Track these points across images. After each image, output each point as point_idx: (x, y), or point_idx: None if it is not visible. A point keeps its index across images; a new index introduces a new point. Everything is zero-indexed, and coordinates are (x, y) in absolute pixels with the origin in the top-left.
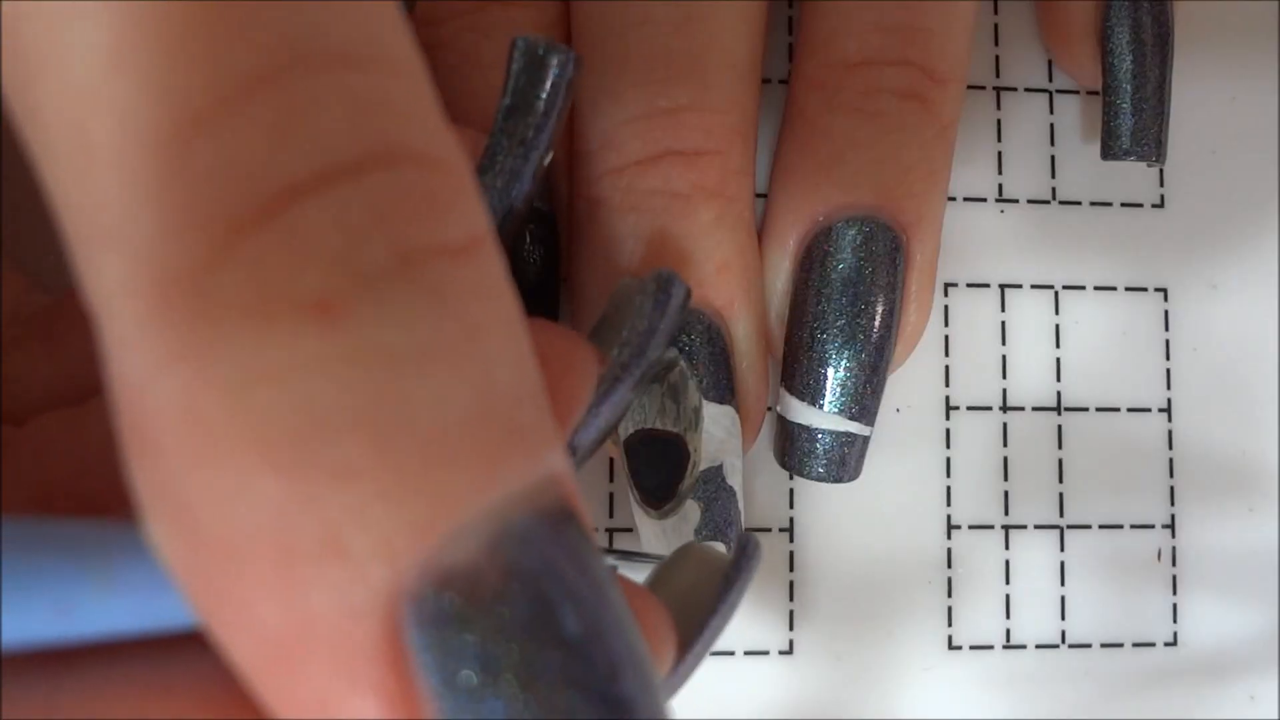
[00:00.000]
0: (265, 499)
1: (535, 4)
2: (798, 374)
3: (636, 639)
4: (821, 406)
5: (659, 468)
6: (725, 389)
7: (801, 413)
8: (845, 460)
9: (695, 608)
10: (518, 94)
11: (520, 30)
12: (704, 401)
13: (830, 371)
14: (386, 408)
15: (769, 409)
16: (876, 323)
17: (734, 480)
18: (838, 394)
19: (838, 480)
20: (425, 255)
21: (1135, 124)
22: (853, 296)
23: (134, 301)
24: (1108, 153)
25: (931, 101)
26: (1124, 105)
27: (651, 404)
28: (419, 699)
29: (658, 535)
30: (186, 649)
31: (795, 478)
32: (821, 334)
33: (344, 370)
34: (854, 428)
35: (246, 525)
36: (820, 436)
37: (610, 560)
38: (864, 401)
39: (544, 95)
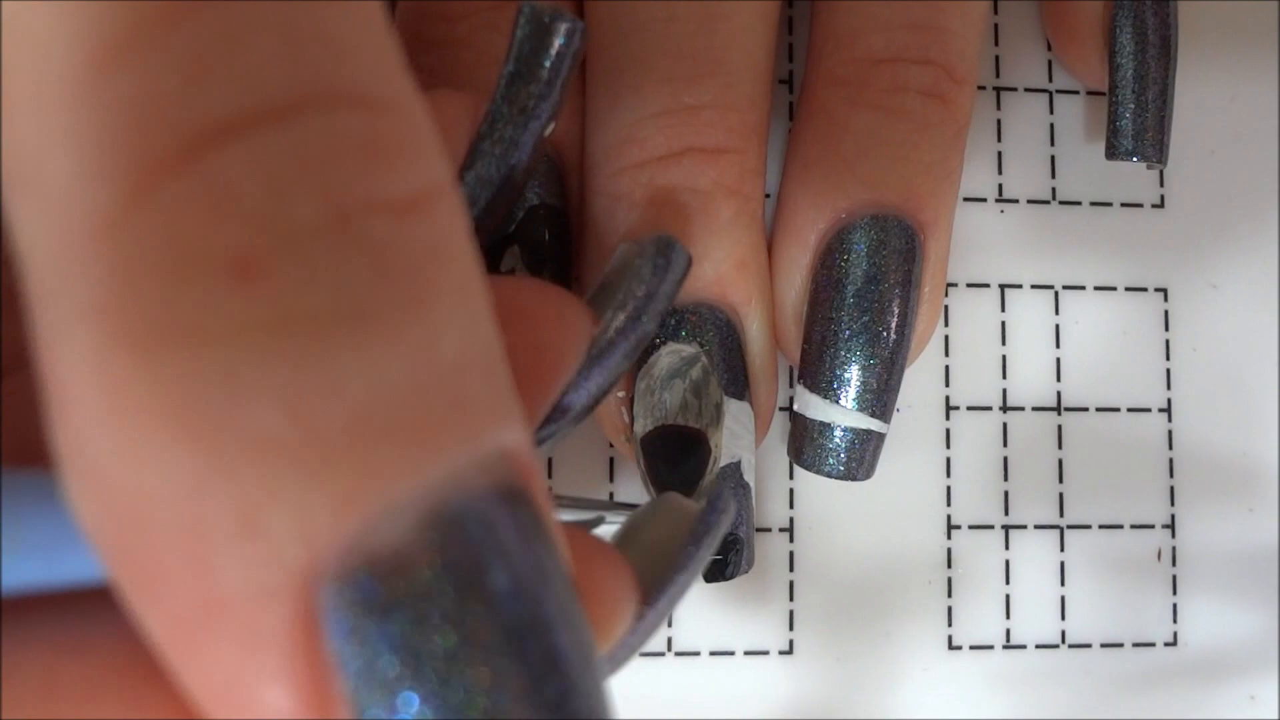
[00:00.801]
0: (175, 468)
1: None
2: (819, 370)
3: (578, 633)
4: (842, 403)
5: (677, 465)
6: (740, 386)
7: (821, 409)
8: (863, 458)
9: (663, 561)
10: (521, 61)
11: None
12: (725, 398)
13: (852, 368)
14: (310, 377)
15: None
16: (897, 320)
17: (750, 477)
18: (859, 390)
19: (853, 478)
20: (363, 211)
21: (1138, 125)
22: (876, 294)
23: (49, 250)
24: (1112, 152)
25: (951, 101)
26: (1128, 106)
27: (674, 400)
28: (332, 687)
29: None
30: (101, 605)
31: (795, 477)
32: (845, 330)
33: (263, 336)
34: (874, 425)
35: (156, 494)
36: (839, 433)
37: (582, 513)
38: (884, 399)
39: (548, 64)
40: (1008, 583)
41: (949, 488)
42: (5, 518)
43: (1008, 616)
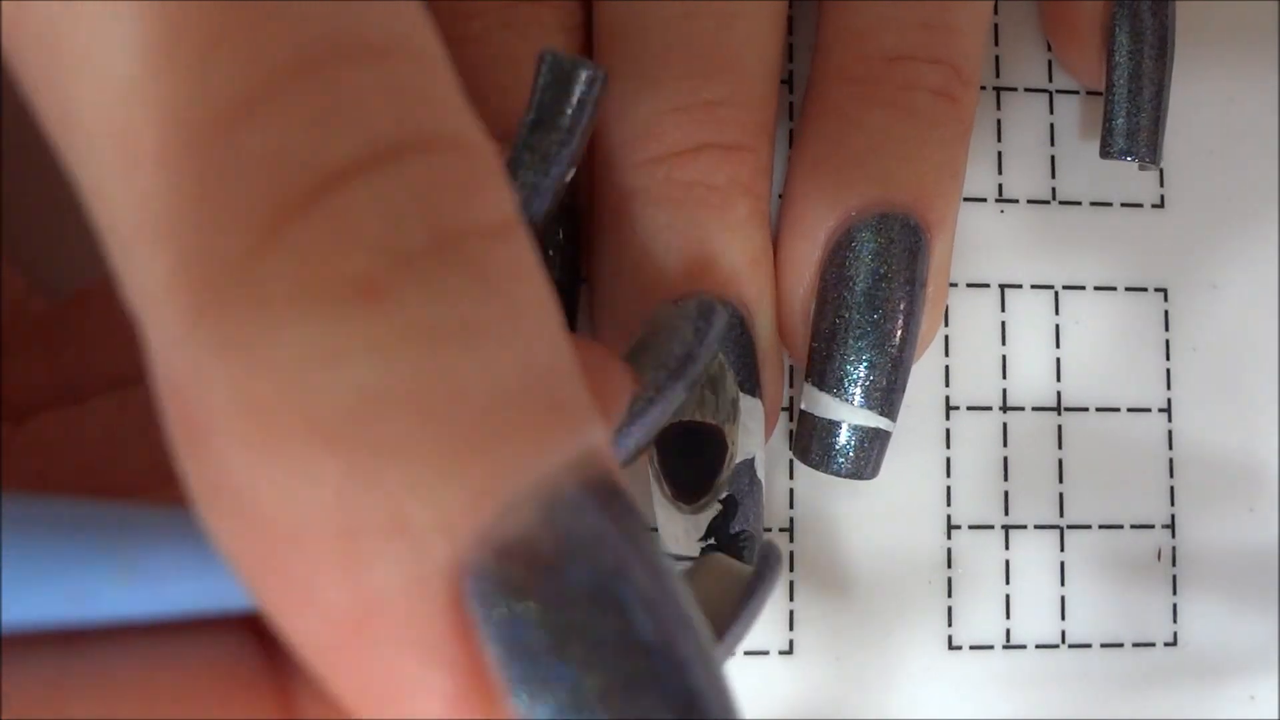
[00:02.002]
0: (324, 481)
1: (566, 3)
2: (828, 368)
3: (690, 604)
4: (851, 401)
5: (691, 462)
6: (752, 382)
7: (830, 407)
8: (871, 456)
9: (716, 616)
10: (543, 109)
11: (549, 27)
12: (740, 393)
13: (862, 367)
14: (436, 384)
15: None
16: (905, 319)
17: (761, 473)
18: (868, 389)
19: (860, 477)
20: (463, 236)
21: (1131, 125)
22: (886, 292)
23: (181, 295)
24: (1106, 151)
25: (959, 101)
26: (1123, 106)
27: (691, 396)
28: (488, 672)
29: (686, 532)
30: (189, 633)
31: (795, 477)
32: (855, 329)
33: (392, 350)
34: (882, 423)
35: (307, 508)
36: (848, 432)
37: None
38: (891, 397)
39: (570, 111)
40: (1008, 583)
41: (949, 488)
42: (118, 553)
43: (1008, 616)
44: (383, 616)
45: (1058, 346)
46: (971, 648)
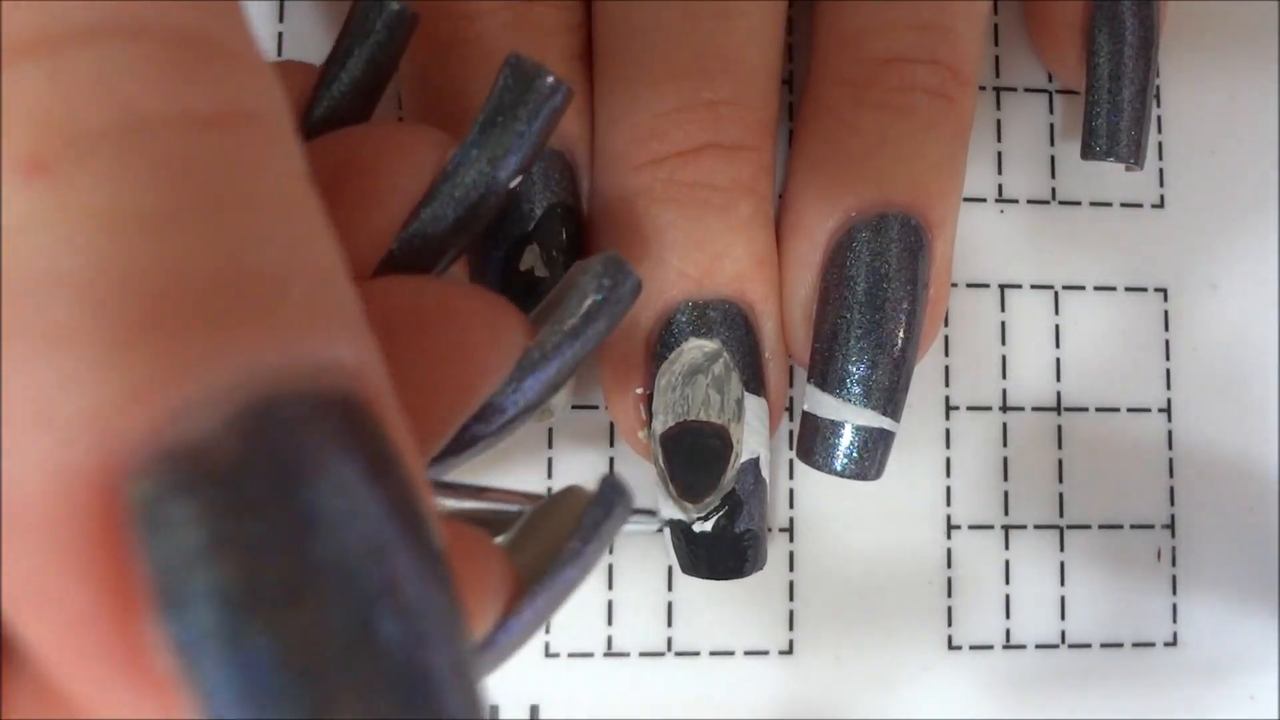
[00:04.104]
0: None
1: (568, 3)
2: (830, 369)
3: (412, 539)
4: (854, 402)
5: (697, 462)
6: (756, 382)
7: (832, 408)
8: (874, 456)
9: (549, 556)
10: (498, 110)
11: (551, 29)
12: (745, 393)
13: (865, 367)
14: (103, 270)
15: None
16: (907, 319)
17: (766, 473)
18: (870, 389)
19: (864, 477)
20: (155, 122)
21: (1113, 126)
22: (887, 293)
23: None
24: (1087, 153)
25: (956, 101)
26: (1103, 107)
27: (696, 396)
28: (136, 584)
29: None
30: None
31: (795, 477)
32: (856, 328)
33: (54, 230)
34: (886, 423)
35: None
36: (851, 432)
37: (505, 505)
38: (894, 397)
39: (524, 116)
40: (1008, 583)
41: (949, 488)
42: None
43: (1008, 616)
44: (19, 515)
45: (1058, 346)
46: (971, 648)
